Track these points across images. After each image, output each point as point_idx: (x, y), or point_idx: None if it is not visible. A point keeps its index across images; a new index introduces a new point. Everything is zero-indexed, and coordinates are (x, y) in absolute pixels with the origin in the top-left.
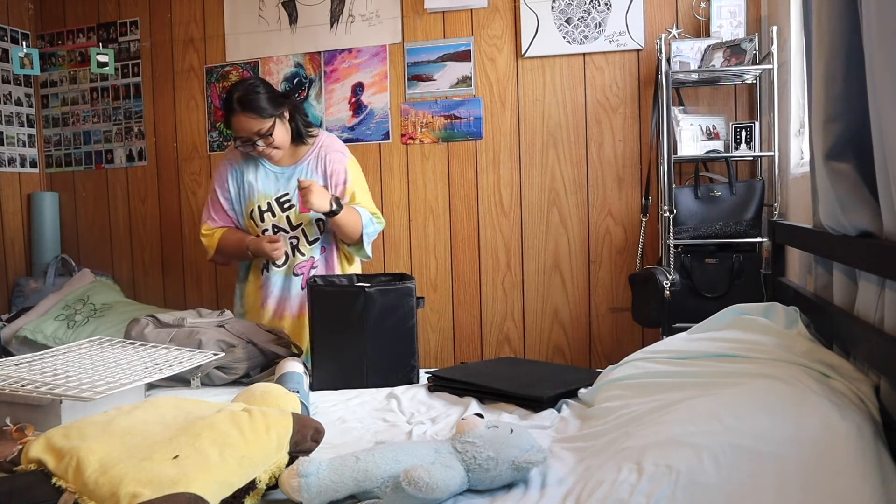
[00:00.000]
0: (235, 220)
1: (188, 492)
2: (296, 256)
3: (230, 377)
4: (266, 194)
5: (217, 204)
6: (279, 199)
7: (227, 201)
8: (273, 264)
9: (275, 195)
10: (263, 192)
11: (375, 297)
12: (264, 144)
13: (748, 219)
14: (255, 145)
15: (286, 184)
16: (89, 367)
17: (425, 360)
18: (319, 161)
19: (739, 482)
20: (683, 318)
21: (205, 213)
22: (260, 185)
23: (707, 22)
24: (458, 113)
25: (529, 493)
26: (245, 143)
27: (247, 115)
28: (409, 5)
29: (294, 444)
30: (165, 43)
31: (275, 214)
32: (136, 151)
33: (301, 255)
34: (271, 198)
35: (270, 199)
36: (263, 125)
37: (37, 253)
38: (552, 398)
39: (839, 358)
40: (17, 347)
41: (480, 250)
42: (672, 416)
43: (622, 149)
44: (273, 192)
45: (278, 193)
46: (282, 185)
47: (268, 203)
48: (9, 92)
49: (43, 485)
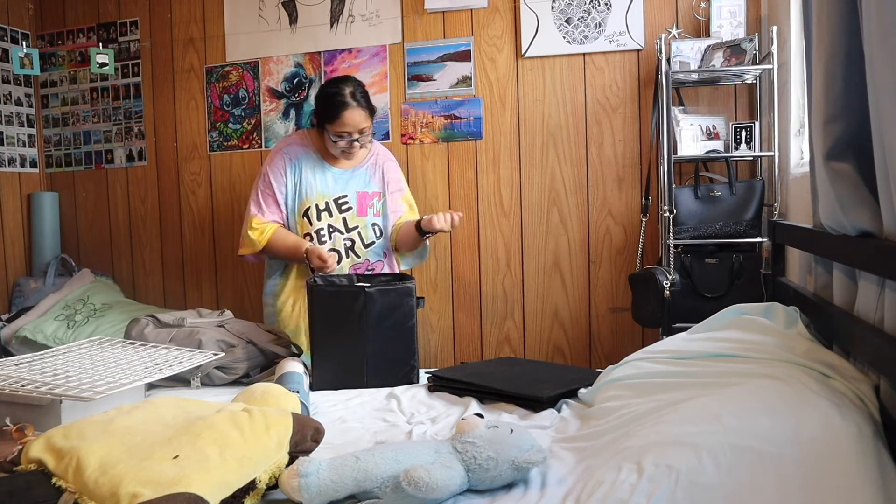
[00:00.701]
0: (285, 217)
1: (188, 492)
2: (350, 258)
3: (230, 377)
4: (324, 193)
5: (270, 197)
6: (337, 200)
7: (282, 195)
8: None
9: (333, 196)
10: (322, 192)
11: (375, 297)
12: (360, 143)
13: (748, 219)
14: (354, 142)
15: (345, 185)
16: (89, 367)
17: (425, 360)
18: (377, 168)
19: (739, 482)
20: (683, 318)
21: (253, 205)
22: (318, 184)
23: (707, 22)
24: (458, 113)
25: (529, 493)
26: (345, 138)
27: (361, 110)
28: (409, 5)
29: (294, 444)
30: (165, 43)
31: (332, 215)
32: (136, 151)
33: (356, 258)
34: (329, 198)
35: (329, 199)
36: (369, 122)
37: (37, 253)
38: (552, 398)
39: (839, 358)
40: (17, 347)
41: (480, 250)
42: (672, 416)
43: (622, 149)
44: (332, 192)
45: (337, 194)
46: (340, 186)
47: (325, 203)
48: (9, 92)
49: (43, 485)
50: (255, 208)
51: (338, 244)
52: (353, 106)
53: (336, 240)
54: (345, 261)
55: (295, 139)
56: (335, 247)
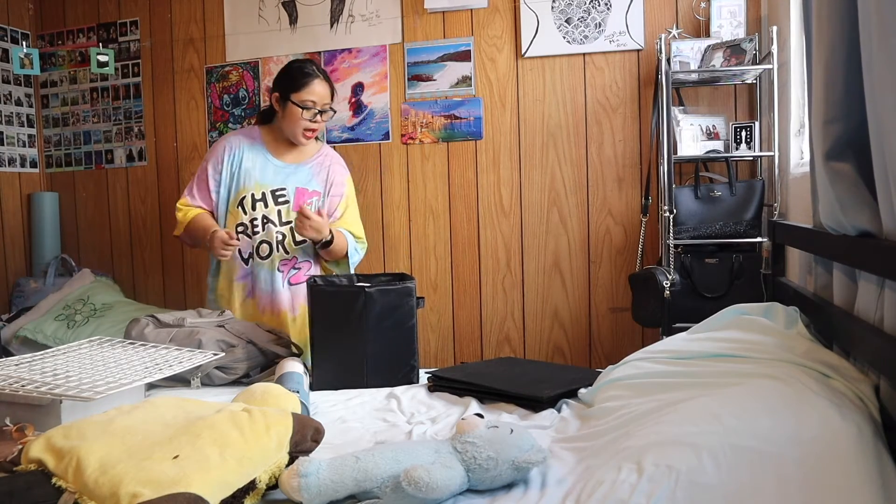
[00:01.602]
0: (214, 206)
1: (188, 492)
2: (279, 252)
3: (230, 377)
4: (262, 183)
5: (203, 182)
6: (274, 192)
7: (215, 182)
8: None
9: (271, 187)
10: (259, 181)
11: (375, 297)
12: (320, 121)
13: (748, 219)
14: (318, 114)
15: (285, 179)
16: (89, 367)
17: (425, 360)
18: (323, 168)
19: (739, 482)
20: (683, 318)
21: (187, 189)
22: (258, 174)
23: (707, 22)
24: (458, 113)
25: (529, 493)
26: (310, 108)
27: (327, 84)
28: (409, 5)
29: (294, 444)
30: (165, 43)
31: (267, 205)
32: (136, 151)
33: (285, 253)
34: (267, 188)
35: (266, 190)
36: (329, 98)
37: (37, 253)
38: (552, 398)
39: (839, 358)
40: (17, 347)
41: (480, 250)
42: (672, 416)
43: (622, 149)
44: (271, 183)
45: (275, 186)
46: (280, 178)
47: (262, 193)
48: (9, 92)
49: (43, 485)
50: (187, 192)
51: (270, 236)
52: (320, 77)
53: (269, 231)
54: (274, 254)
55: (241, 131)
56: (267, 238)
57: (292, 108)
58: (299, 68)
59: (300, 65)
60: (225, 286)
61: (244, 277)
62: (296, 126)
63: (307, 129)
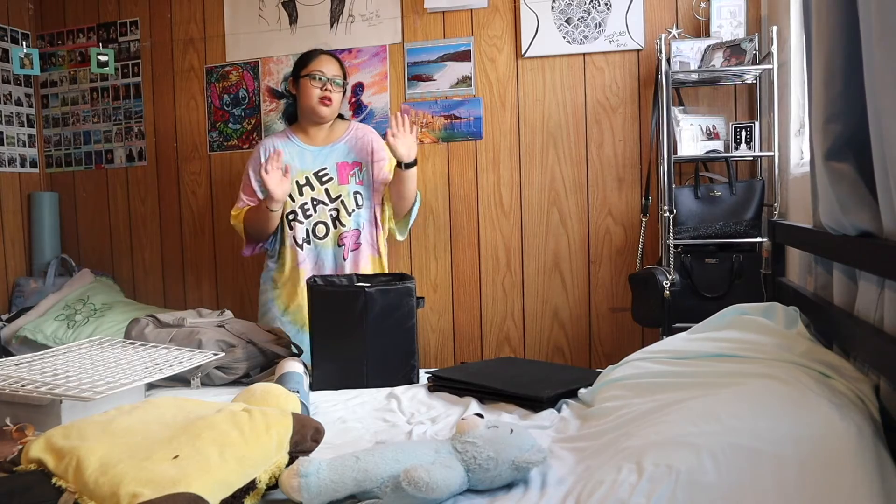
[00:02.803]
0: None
1: (188, 492)
2: (337, 228)
3: (230, 377)
4: (304, 170)
5: (248, 187)
6: (317, 174)
7: (258, 183)
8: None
9: (313, 170)
10: (301, 168)
11: (375, 297)
12: (332, 90)
13: (748, 219)
14: (326, 83)
15: (323, 160)
16: (89, 367)
17: (425, 360)
18: (359, 140)
19: (739, 482)
20: (683, 318)
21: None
22: (297, 163)
23: (707, 22)
24: (458, 113)
25: (529, 493)
26: (319, 78)
27: (331, 58)
28: (409, 5)
29: (294, 444)
30: (165, 43)
31: (313, 188)
32: (136, 151)
33: (342, 227)
34: (309, 172)
35: (309, 174)
36: (340, 74)
37: (37, 253)
38: (552, 398)
39: (839, 358)
40: (17, 347)
41: (480, 250)
42: (672, 416)
43: (622, 149)
44: (311, 167)
45: (316, 168)
46: (319, 161)
47: (306, 178)
48: (9, 92)
49: (43, 485)
50: (237, 202)
51: (323, 216)
52: (326, 54)
53: (321, 212)
54: (331, 231)
55: (273, 135)
56: (321, 219)
57: (304, 83)
58: (307, 51)
59: (308, 50)
60: (288, 276)
61: (301, 263)
62: (311, 98)
63: (322, 98)
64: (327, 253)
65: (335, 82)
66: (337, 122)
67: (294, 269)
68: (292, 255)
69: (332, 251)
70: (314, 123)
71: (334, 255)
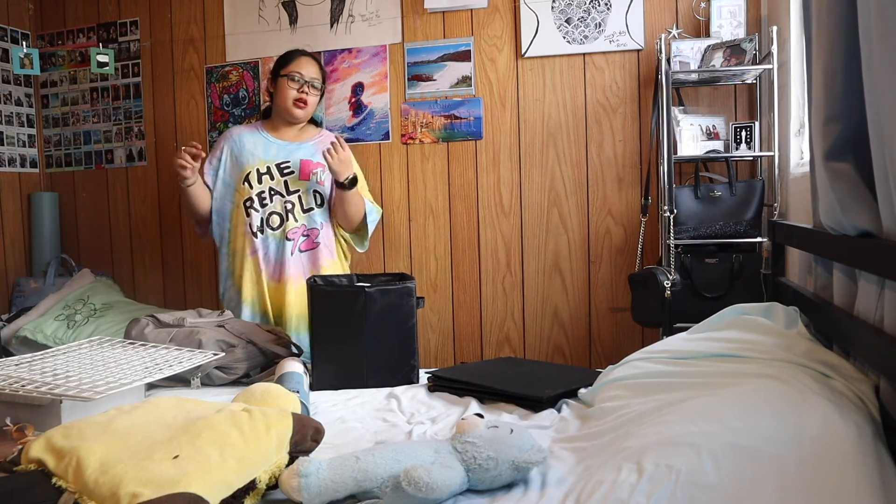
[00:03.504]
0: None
1: (188, 492)
2: (289, 221)
3: (230, 377)
4: (266, 160)
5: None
6: (279, 165)
7: (212, 169)
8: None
9: (276, 161)
10: (263, 158)
11: (375, 297)
12: (308, 91)
13: (748, 219)
14: (303, 85)
15: (287, 154)
16: (89, 367)
17: (425, 360)
18: (324, 145)
19: (739, 482)
20: (683, 318)
21: None
22: (260, 152)
23: (707, 22)
24: (458, 113)
25: (529, 493)
26: (297, 79)
27: (311, 60)
28: (409, 5)
29: (294, 444)
30: (165, 43)
31: (273, 178)
32: (136, 151)
33: (294, 221)
34: (272, 163)
35: (270, 164)
36: (318, 76)
37: (37, 253)
38: (552, 398)
39: (839, 358)
40: (17, 347)
41: (480, 250)
42: (672, 416)
43: (622, 149)
44: (274, 158)
45: (279, 160)
46: (283, 154)
47: (267, 167)
48: (9, 92)
49: (43, 485)
50: None
51: (278, 207)
52: (306, 55)
53: (276, 202)
54: (285, 223)
55: (242, 125)
56: (276, 210)
57: (281, 83)
58: (288, 51)
59: (289, 49)
60: (239, 263)
61: (255, 252)
62: (286, 99)
63: (297, 100)
64: (280, 245)
65: (313, 84)
66: (308, 126)
67: (248, 258)
68: (248, 242)
69: (279, 243)
70: (286, 123)
71: (280, 248)
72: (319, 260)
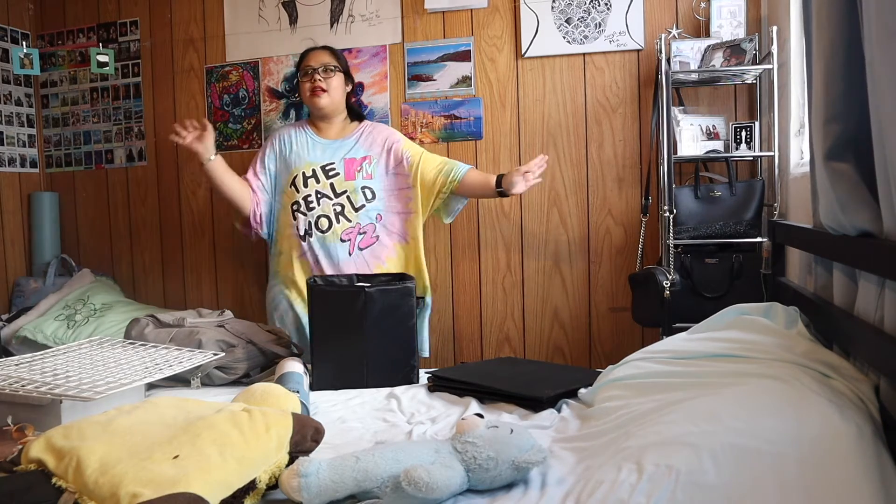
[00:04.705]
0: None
1: (188, 492)
2: (340, 223)
3: (230, 377)
4: (311, 162)
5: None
6: (324, 167)
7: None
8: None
9: (321, 163)
10: (309, 160)
11: (375, 297)
12: (321, 77)
13: (748, 219)
14: (313, 74)
15: (332, 154)
16: (89, 367)
17: (425, 361)
18: (367, 135)
19: (739, 482)
20: (683, 318)
21: None
22: (307, 154)
23: (707, 22)
24: (458, 113)
25: (529, 493)
26: (307, 74)
27: (321, 50)
28: (409, 5)
29: (294, 444)
30: (165, 43)
31: (318, 181)
32: (136, 151)
33: (347, 222)
34: (317, 165)
35: (316, 167)
36: (331, 61)
37: (37, 253)
38: (552, 398)
39: (839, 358)
40: (17, 347)
41: (480, 250)
42: (672, 416)
43: (622, 149)
44: (319, 160)
45: (324, 162)
46: (328, 155)
47: (312, 170)
48: (9, 92)
49: (43, 485)
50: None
51: (327, 210)
52: (317, 48)
53: (325, 205)
54: (335, 226)
55: (290, 124)
56: (325, 213)
57: (300, 82)
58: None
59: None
60: (286, 263)
61: (304, 255)
62: (304, 93)
63: (312, 90)
64: (333, 247)
65: (326, 69)
66: (349, 122)
67: (297, 259)
68: (294, 244)
69: (336, 246)
70: (319, 118)
71: (337, 250)
72: (382, 253)
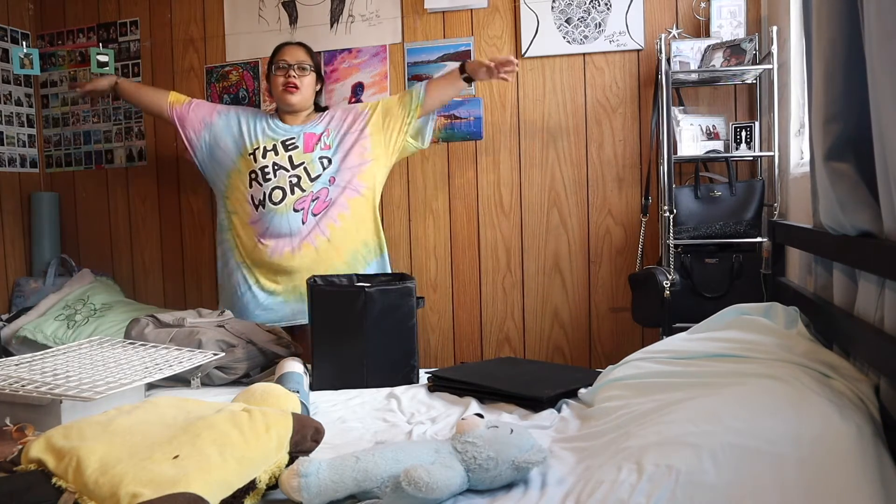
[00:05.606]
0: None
1: (188, 492)
2: (295, 193)
3: (230, 377)
4: (274, 137)
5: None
6: (284, 141)
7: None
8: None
9: (282, 138)
10: (272, 137)
11: (375, 297)
12: (296, 74)
13: (748, 219)
14: (288, 70)
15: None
16: (89, 367)
17: (425, 360)
18: (326, 117)
19: (739, 482)
20: (683, 318)
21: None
22: (270, 132)
23: (707, 22)
24: (458, 113)
25: (529, 493)
26: (281, 68)
27: (297, 46)
28: (409, 5)
29: (294, 444)
30: (165, 43)
31: (277, 153)
32: (136, 151)
33: (301, 192)
34: (277, 140)
35: (276, 141)
36: (306, 59)
37: (37, 253)
38: (552, 398)
39: (839, 358)
40: (17, 347)
41: (480, 250)
42: (672, 416)
43: (622, 149)
44: (280, 136)
45: (285, 137)
46: (289, 134)
47: (273, 144)
48: (9, 92)
49: (43, 485)
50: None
51: (283, 182)
52: (292, 44)
53: (280, 177)
54: (289, 197)
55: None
56: (279, 184)
57: (272, 76)
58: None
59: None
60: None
61: (255, 222)
62: (276, 87)
63: (286, 85)
64: (281, 218)
65: (301, 67)
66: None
67: (245, 225)
68: (247, 210)
69: (286, 216)
70: (287, 113)
71: (289, 221)
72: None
